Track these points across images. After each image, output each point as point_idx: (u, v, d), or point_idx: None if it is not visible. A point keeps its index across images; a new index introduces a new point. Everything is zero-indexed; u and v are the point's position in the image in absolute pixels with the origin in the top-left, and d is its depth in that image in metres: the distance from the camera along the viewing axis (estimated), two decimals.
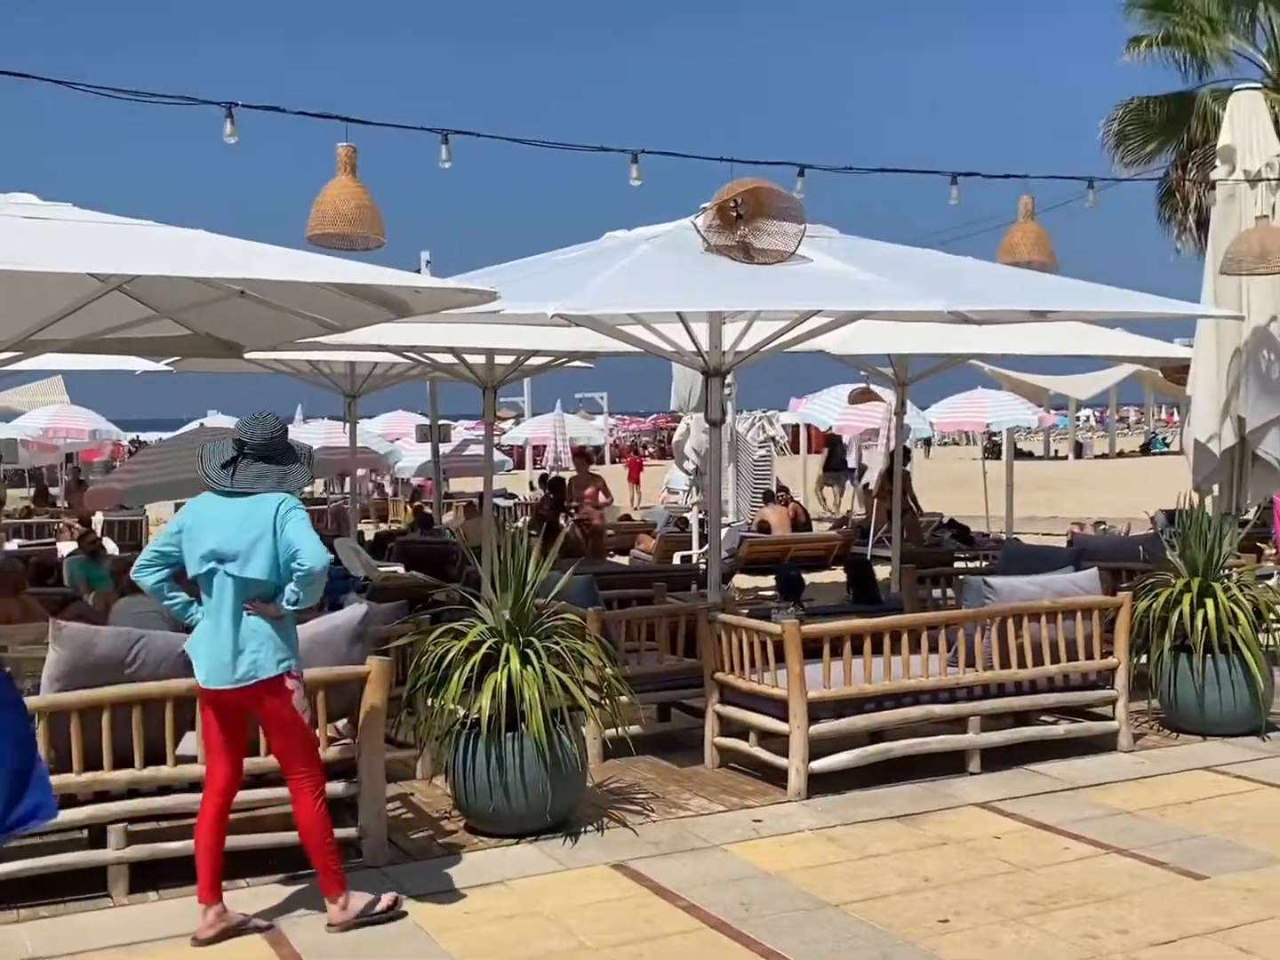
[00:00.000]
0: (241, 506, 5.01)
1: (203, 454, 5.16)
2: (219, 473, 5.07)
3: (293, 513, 4.98)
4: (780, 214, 7.53)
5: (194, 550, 5.02)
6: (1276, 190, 9.62)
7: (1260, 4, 17.89)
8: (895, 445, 14.41)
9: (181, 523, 5.11)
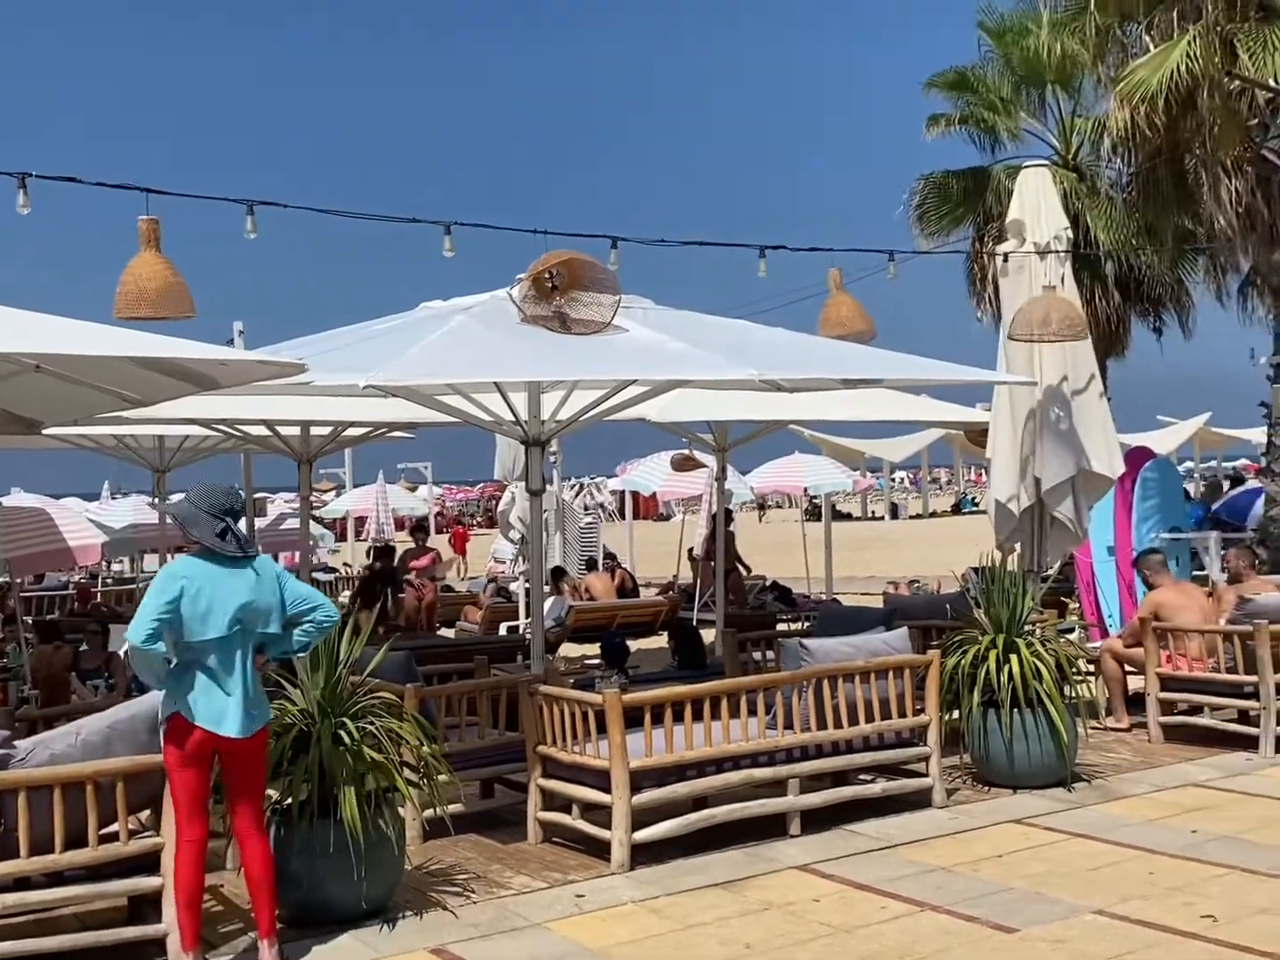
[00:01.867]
0: (248, 569, 5.47)
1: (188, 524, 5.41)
2: (223, 542, 5.41)
3: (282, 571, 5.64)
4: (595, 285, 7.62)
5: (214, 614, 5.31)
6: (1064, 261, 10.13)
7: (1049, 85, 18.96)
8: (717, 509, 14.63)
9: (178, 591, 5.27)
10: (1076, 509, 10.15)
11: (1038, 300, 9.63)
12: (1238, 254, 15.29)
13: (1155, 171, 14.85)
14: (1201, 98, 13.24)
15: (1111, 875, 6.29)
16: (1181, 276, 18.51)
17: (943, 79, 19.38)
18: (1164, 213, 15.46)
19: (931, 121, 19.52)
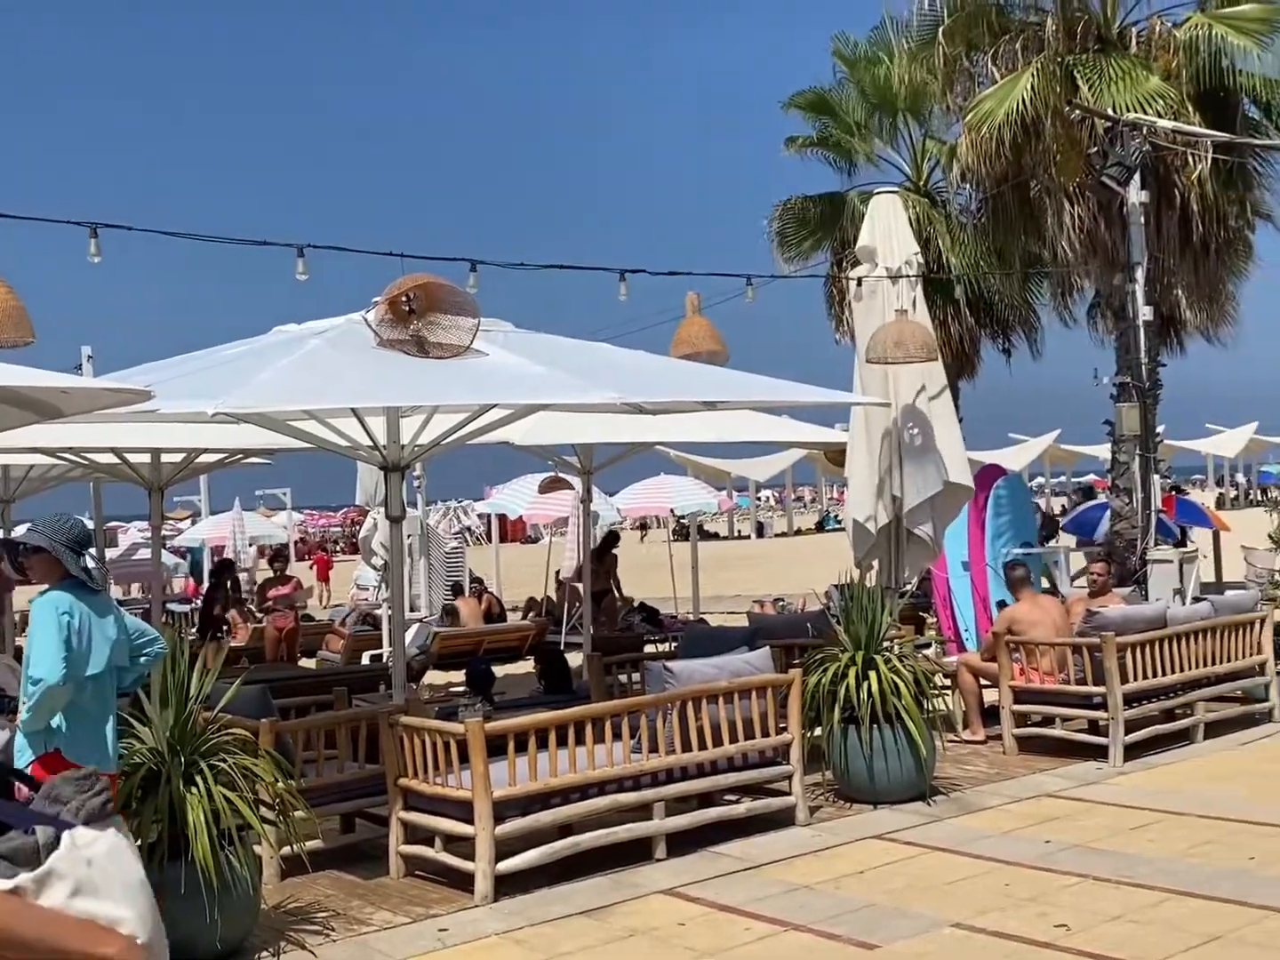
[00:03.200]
0: (108, 603, 5.44)
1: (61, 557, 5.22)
2: (89, 575, 5.30)
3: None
4: (454, 308, 7.55)
5: (96, 649, 5.20)
6: (915, 285, 10.37)
7: (900, 113, 19.44)
8: (581, 532, 14.61)
9: (70, 625, 5.13)
10: (934, 525, 10.39)
11: (891, 324, 9.84)
12: (1082, 278, 15.84)
13: (1003, 197, 15.32)
14: (1045, 127, 13.72)
15: (969, 888, 6.41)
16: (1030, 299, 19.11)
17: (802, 99, 19.72)
18: (1012, 237, 15.95)
19: (789, 141, 19.87)
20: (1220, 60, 13.89)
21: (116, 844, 2.25)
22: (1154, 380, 13.96)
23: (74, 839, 2.20)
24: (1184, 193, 13.95)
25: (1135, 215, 12.92)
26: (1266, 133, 14.71)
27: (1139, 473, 13.27)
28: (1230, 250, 15.30)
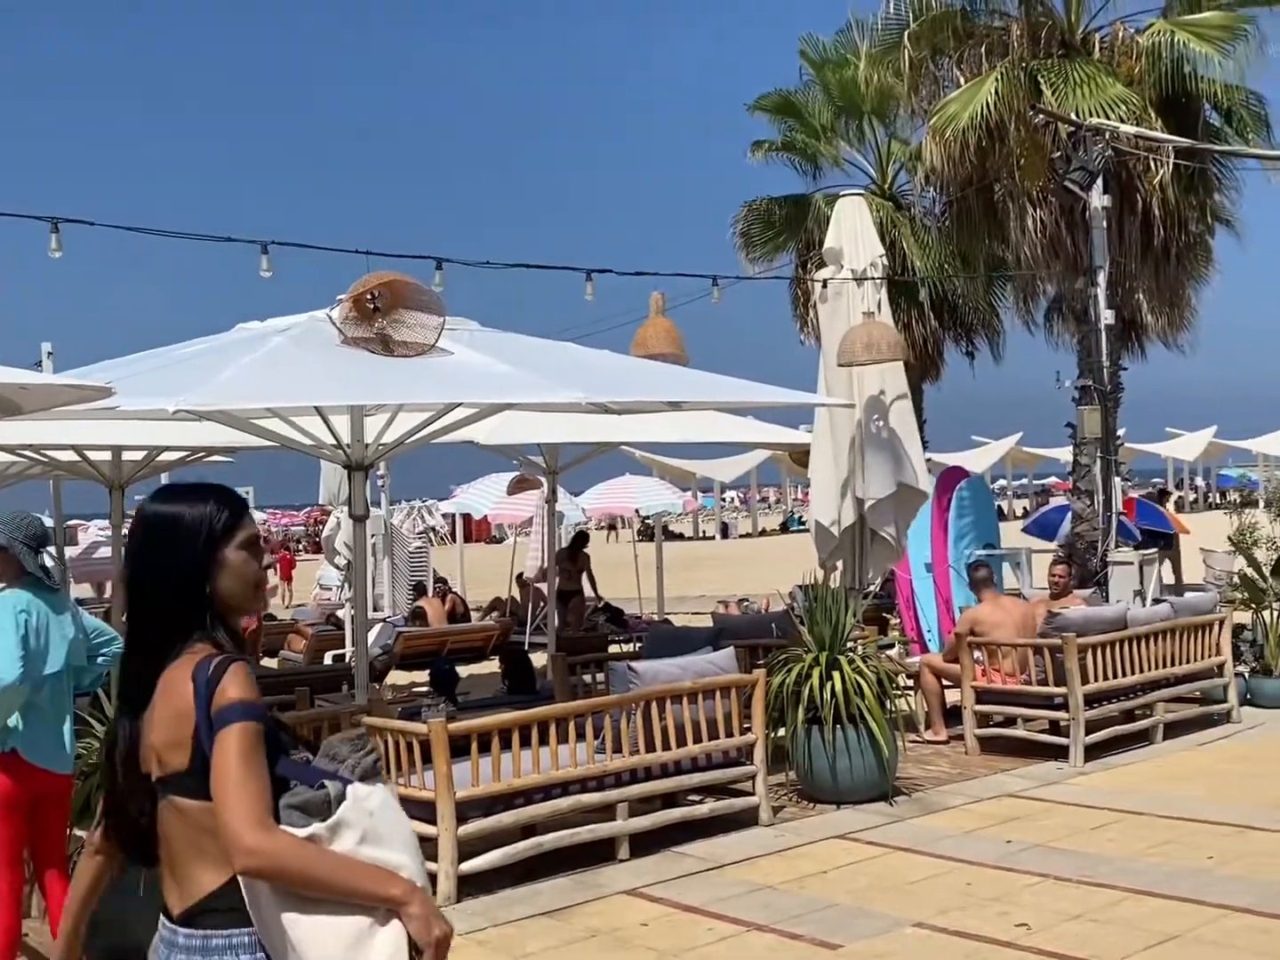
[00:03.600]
0: (65, 602, 5.35)
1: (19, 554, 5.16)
2: (46, 573, 5.24)
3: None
4: (419, 307, 7.52)
5: (53, 648, 5.14)
6: (880, 288, 10.42)
7: (866, 116, 19.53)
8: (546, 532, 14.58)
9: (28, 624, 5.07)
10: (896, 525, 10.43)
11: (860, 326, 9.88)
12: (1044, 281, 15.96)
13: (967, 201, 15.41)
14: (1009, 131, 13.81)
15: (931, 887, 6.44)
16: (993, 302, 19.23)
17: (768, 101, 19.77)
18: (975, 241, 16.05)
19: (755, 146, 19.91)
20: (1182, 66, 14.03)
21: (388, 798, 2.48)
22: (1115, 384, 14.09)
23: (355, 793, 2.42)
24: (1146, 198, 14.08)
25: (1097, 219, 13.03)
26: (1227, 139, 14.88)
27: (1100, 475, 13.39)
28: (1190, 255, 15.46)
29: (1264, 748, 9.54)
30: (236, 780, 2.30)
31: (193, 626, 2.47)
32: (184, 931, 2.38)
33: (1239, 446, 48.30)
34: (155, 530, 2.52)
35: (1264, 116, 14.86)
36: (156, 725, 2.43)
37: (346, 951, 2.34)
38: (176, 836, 2.41)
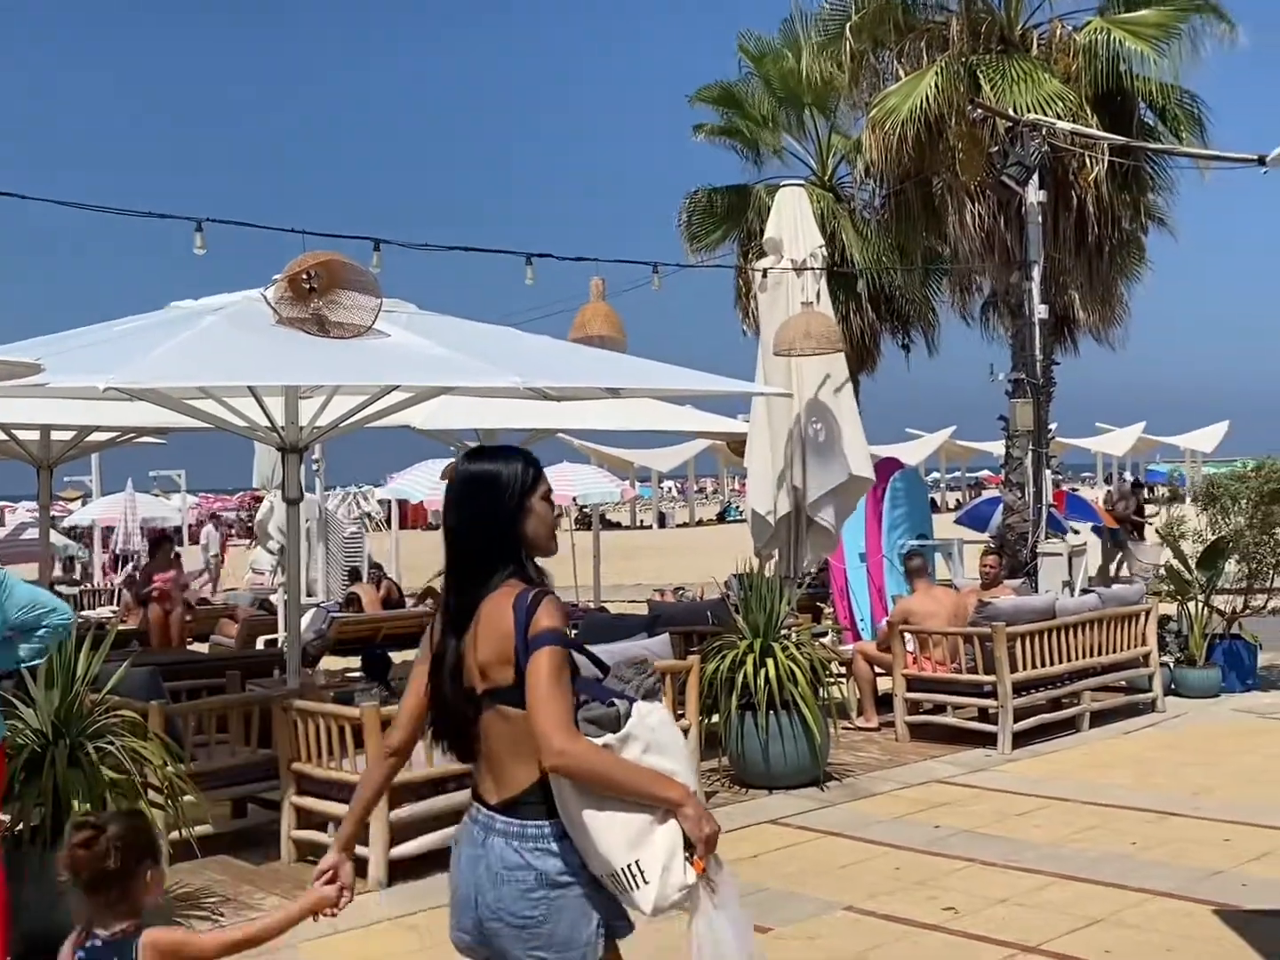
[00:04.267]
0: None
1: None
2: None
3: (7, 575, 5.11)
4: (356, 288, 7.45)
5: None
6: (819, 278, 10.47)
7: (807, 107, 19.58)
8: None
9: None
10: (836, 513, 10.50)
11: (799, 316, 9.93)
12: (980, 275, 16.11)
13: (906, 194, 15.50)
14: (948, 125, 13.91)
15: (861, 871, 6.51)
16: (929, 296, 19.38)
17: (709, 92, 19.78)
18: (914, 234, 16.16)
19: (698, 128, 19.92)
20: (1118, 65, 14.19)
21: (665, 715, 2.96)
22: (1048, 378, 14.26)
23: (639, 709, 2.90)
24: (1080, 194, 14.24)
25: (1033, 215, 13.18)
26: (1161, 137, 15.08)
27: (1031, 468, 13.56)
28: (1123, 252, 15.66)
29: (1187, 736, 9.73)
30: (547, 694, 2.76)
31: (506, 563, 2.94)
32: (502, 819, 2.87)
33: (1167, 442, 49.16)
34: (476, 484, 2.98)
35: (1197, 115, 15.06)
36: (481, 646, 2.89)
37: (631, 843, 2.78)
38: (499, 739, 2.89)
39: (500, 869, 2.85)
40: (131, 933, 2.95)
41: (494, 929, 2.86)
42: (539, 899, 2.82)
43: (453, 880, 3.00)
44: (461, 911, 2.96)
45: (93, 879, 2.94)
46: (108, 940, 2.94)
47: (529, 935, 2.82)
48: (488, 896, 2.86)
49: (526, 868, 2.83)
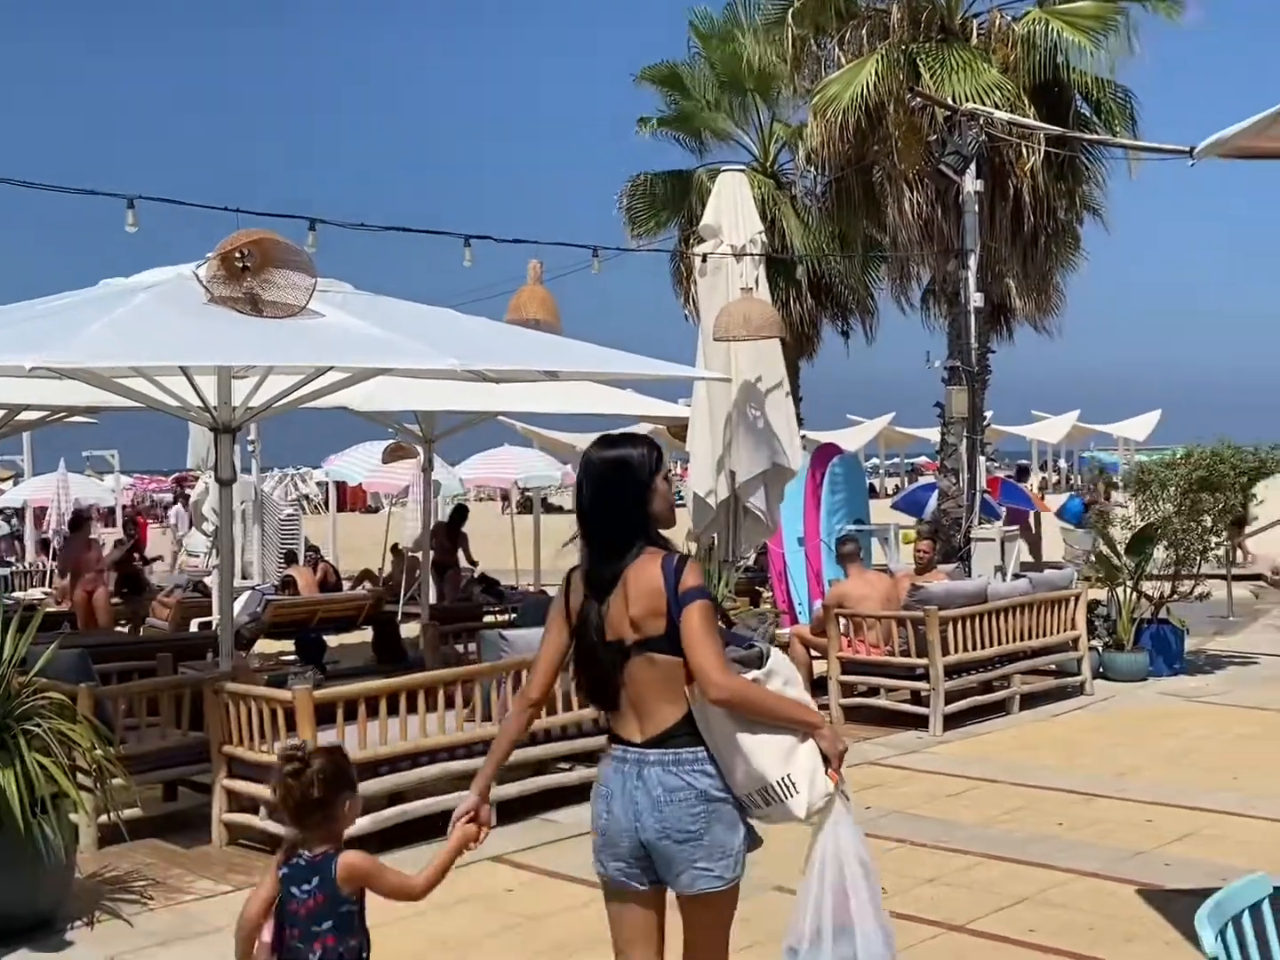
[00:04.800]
0: None
1: None
2: None
3: None
4: (290, 267, 7.37)
5: None
6: (759, 264, 10.52)
7: (749, 92, 19.59)
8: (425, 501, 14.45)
9: None
10: (768, 501, 10.57)
11: (738, 302, 9.98)
12: (918, 264, 16.24)
13: (846, 182, 15.59)
14: (888, 113, 14.00)
15: (795, 853, 6.54)
16: (869, 283, 19.49)
17: (654, 72, 19.70)
18: (854, 221, 16.25)
19: (642, 123, 19.85)
20: (1056, 55, 14.35)
21: (781, 655, 3.53)
22: (983, 365, 14.42)
23: (771, 651, 3.49)
24: (1017, 184, 14.38)
25: (970, 204, 13.30)
26: (1096, 130, 15.27)
27: (966, 454, 13.71)
28: (1059, 241, 15.85)
29: (1114, 719, 9.91)
30: (703, 639, 3.27)
31: (642, 535, 3.40)
32: (654, 752, 3.36)
33: (1101, 430, 49.82)
34: (612, 469, 3.45)
35: (1130, 111, 15.28)
36: (633, 604, 3.35)
37: (781, 759, 3.34)
38: (647, 683, 3.37)
39: (661, 794, 3.33)
40: (331, 854, 3.38)
41: (660, 847, 3.34)
42: (699, 813, 3.32)
43: (600, 819, 3.45)
44: (616, 843, 3.41)
45: (299, 806, 3.38)
46: (310, 860, 3.38)
47: (692, 847, 3.32)
48: (650, 820, 3.34)
49: (687, 788, 3.32)
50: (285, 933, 3.33)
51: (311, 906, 3.33)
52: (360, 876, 3.39)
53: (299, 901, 3.33)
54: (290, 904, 3.33)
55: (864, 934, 3.50)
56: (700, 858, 3.34)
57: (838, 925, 3.49)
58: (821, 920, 3.50)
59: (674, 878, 3.39)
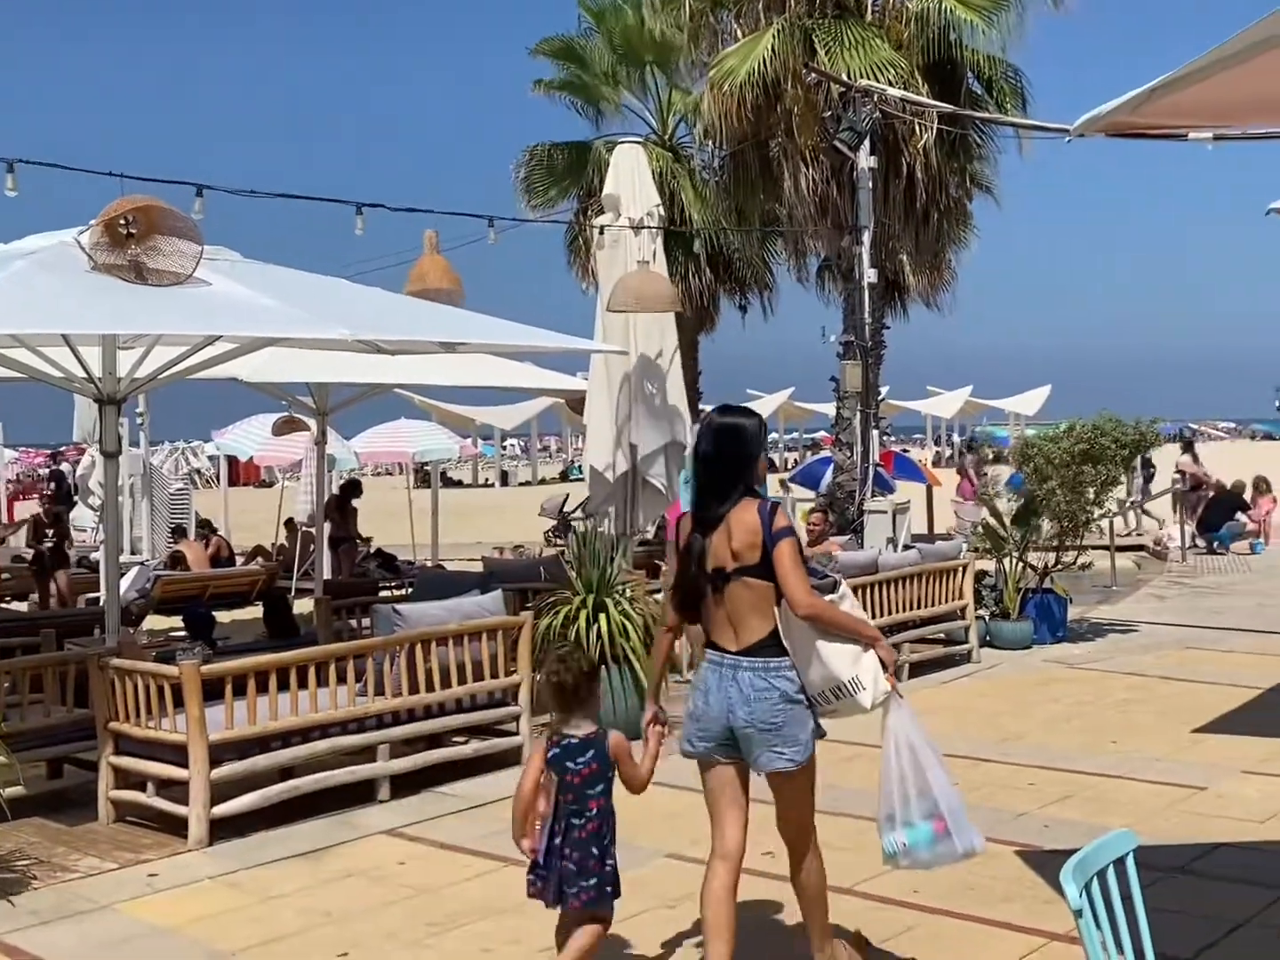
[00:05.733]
0: None
1: None
2: None
3: None
4: (176, 234, 7.21)
5: None
6: (656, 237, 10.54)
7: (647, 65, 19.58)
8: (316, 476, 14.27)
9: None
10: (667, 473, 10.63)
11: (634, 274, 9.99)
12: (814, 239, 16.39)
13: (744, 156, 15.66)
14: (784, 88, 14.08)
15: (687, 820, 6.60)
16: (766, 258, 19.63)
17: (550, 45, 19.60)
18: (751, 196, 16.34)
19: (537, 83, 19.75)
20: (949, 34, 14.55)
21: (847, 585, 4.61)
22: (877, 340, 14.63)
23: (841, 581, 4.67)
24: (910, 161, 14.57)
25: (864, 180, 13.45)
26: (987, 108, 15.52)
27: (859, 428, 13.91)
28: (950, 219, 16.10)
29: (1000, 686, 10.15)
30: (793, 568, 4.18)
31: (743, 485, 4.29)
32: (746, 659, 4.25)
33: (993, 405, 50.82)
34: (732, 433, 4.35)
35: (1021, 90, 15.57)
36: (735, 538, 4.24)
37: (850, 663, 4.25)
38: (742, 602, 4.25)
39: (751, 692, 4.21)
40: (599, 734, 4.37)
41: (745, 734, 4.25)
42: (780, 709, 4.21)
43: (696, 708, 4.35)
44: (709, 728, 4.30)
45: (572, 689, 4.34)
46: (584, 738, 4.34)
47: (772, 736, 4.23)
48: (740, 712, 4.22)
49: (771, 689, 4.21)
50: (559, 799, 4.27)
51: (586, 775, 4.30)
52: (623, 752, 4.42)
53: (574, 772, 4.29)
54: (565, 775, 4.28)
55: (941, 793, 4.37)
56: (777, 744, 4.23)
57: (919, 790, 4.34)
58: (906, 789, 4.34)
59: (753, 759, 4.30)
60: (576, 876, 4.26)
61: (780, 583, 4.16)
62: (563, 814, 4.25)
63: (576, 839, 4.26)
